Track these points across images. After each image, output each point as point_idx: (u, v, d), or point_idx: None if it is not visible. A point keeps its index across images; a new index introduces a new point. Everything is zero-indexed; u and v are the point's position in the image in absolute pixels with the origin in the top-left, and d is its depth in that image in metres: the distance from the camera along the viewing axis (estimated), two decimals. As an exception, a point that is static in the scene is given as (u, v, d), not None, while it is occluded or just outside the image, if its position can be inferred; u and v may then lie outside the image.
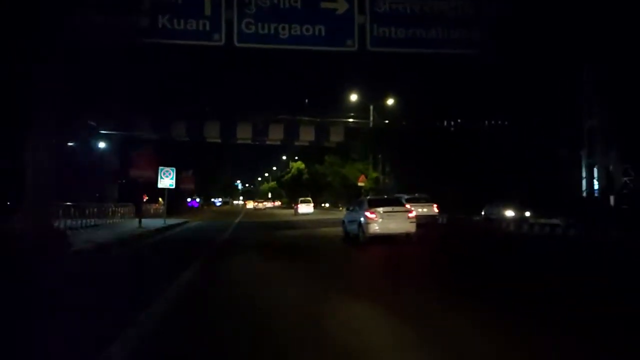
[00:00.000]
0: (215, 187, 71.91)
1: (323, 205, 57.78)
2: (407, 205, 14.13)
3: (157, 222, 23.73)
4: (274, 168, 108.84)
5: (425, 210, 17.34)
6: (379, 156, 36.49)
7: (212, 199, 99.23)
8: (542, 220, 16.06)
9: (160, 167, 25.05)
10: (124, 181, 34.37)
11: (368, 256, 11.79)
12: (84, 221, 18.28)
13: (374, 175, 38.80)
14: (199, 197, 72.69)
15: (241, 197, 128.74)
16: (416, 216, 13.59)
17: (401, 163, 30.08)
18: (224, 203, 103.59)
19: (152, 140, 35.52)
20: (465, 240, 15.49)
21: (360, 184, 37.59)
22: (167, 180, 25.10)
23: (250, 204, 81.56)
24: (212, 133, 33.00)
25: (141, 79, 34.75)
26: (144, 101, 30.59)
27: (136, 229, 19.18)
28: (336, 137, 34.64)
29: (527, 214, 17.85)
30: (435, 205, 19.76)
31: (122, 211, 25.53)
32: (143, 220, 25.43)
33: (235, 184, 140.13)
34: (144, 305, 5.36)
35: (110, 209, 23.49)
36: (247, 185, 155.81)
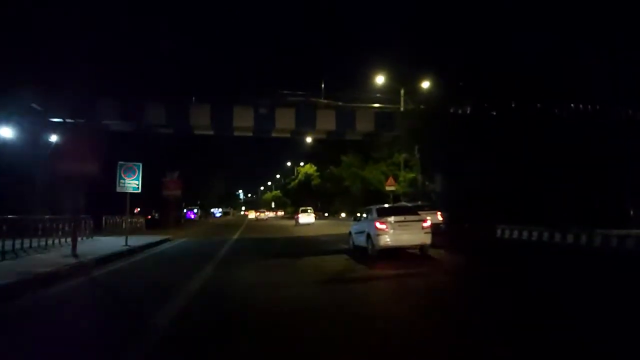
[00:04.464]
0: (212, 195, 63.85)
1: (338, 215, 49.31)
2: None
3: (115, 244, 15.86)
4: (277, 176, 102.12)
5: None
6: (416, 153, 28.46)
7: (212, 210, 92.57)
8: None
9: (120, 163, 17.21)
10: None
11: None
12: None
13: (410, 176, 30.72)
14: (197, 208, 65.17)
15: (243, 208, 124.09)
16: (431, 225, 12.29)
17: (456, 158, 21.94)
18: (224, 214, 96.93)
19: (124, 132, 27.61)
20: None
21: (388, 188, 29.65)
22: (130, 181, 17.25)
23: (252, 214, 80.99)
24: (201, 121, 24.81)
25: (105, 44, 27.20)
26: (109, 77, 23.13)
27: (56, 261, 11.22)
28: (364, 125, 26.36)
29: None
30: (439, 213, 19.06)
31: (66, 228, 17.16)
32: (96, 240, 18.20)
33: (237, 193, 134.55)
34: None
35: (40, 226, 15.34)
36: (249, 195, 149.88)
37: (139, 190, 17.15)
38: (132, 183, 17.06)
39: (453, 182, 23.62)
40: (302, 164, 67.22)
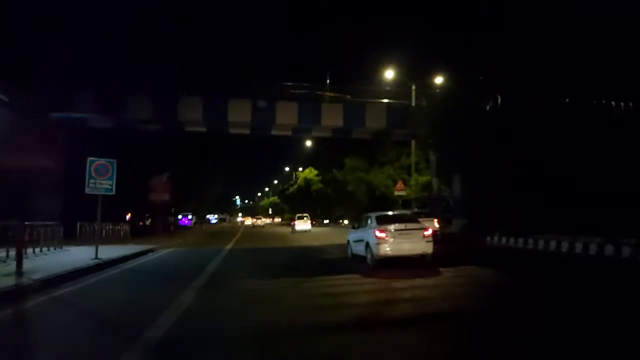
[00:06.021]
0: (208, 201, 60.93)
1: (341, 222, 46.40)
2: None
3: (82, 257, 13.21)
4: (275, 182, 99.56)
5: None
6: (431, 154, 25.71)
7: (207, 216, 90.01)
8: None
9: (90, 159, 14.41)
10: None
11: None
12: None
13: (423, 179, 27.92)
14: (190, 214, 62.25)
15: (240, 214, 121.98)
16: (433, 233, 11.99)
17: (481, 158, 19.20)
18: (220, 220, 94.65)
19: (112, 132, 24.78)
20: None
21: (397, 192, 26.96)
22: (102, 181, 14.46)
23: (248, 221, 79.76)
24: (192, 116, 21.92)
25: (83, 27, 24.63)
26: (86, 65, 20.36)
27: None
28: (374, 121, 23.51)
29: None
30: (436, 220, 18.56)
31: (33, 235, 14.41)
32: (64, 251, 15.59)
33: (234, 199, 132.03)
34: None
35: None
36: (246, 201, 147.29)
37: (113, 192, 14.31)
38: (105, 184, 14.25)
39: (475, 185, 20.86)
40: (300, 169, 64.46)
